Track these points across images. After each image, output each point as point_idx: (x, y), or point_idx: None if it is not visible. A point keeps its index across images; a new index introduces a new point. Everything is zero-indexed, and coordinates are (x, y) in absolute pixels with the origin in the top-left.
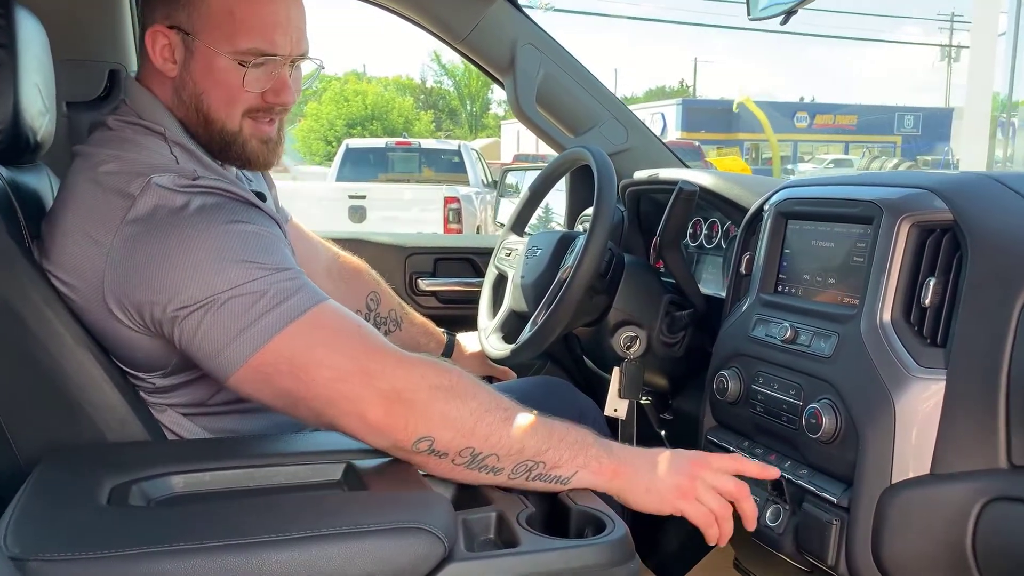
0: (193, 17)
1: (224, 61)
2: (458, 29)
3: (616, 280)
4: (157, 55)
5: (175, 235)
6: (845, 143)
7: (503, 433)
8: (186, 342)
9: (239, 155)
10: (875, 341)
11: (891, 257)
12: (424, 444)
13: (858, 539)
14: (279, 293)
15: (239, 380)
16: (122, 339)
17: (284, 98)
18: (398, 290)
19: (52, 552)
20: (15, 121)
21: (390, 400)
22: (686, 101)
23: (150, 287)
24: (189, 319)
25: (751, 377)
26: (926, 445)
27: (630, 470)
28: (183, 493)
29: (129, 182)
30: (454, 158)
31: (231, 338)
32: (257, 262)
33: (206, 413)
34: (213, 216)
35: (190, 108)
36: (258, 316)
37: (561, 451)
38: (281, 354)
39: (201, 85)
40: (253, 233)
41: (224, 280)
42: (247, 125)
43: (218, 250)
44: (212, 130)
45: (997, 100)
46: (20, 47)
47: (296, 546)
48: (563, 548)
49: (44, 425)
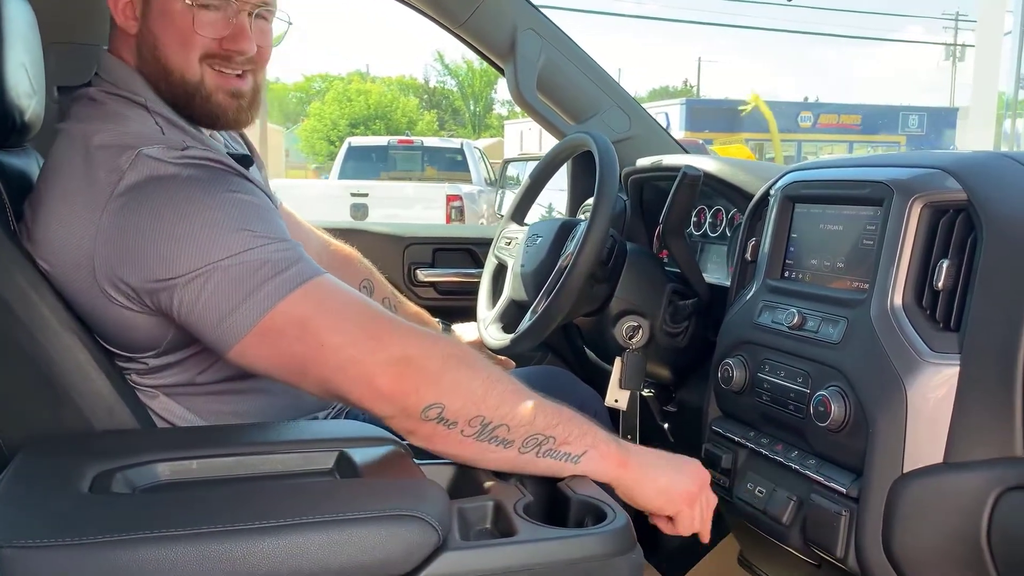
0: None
1: (179, 6)
2: (457, 13)
3: (618, 268)
4: (119, 13)
5: (169, 206)
6: (849, 143)
7: (514, 402)
8: (186, 313)
9: (204, 108)
10: (886, 326)
11: (902, 239)
12: (434, 412)
13: (868, 531)
14: (281, 261)
15: (243, 348)
16: (114, 319)
17: (242, 45)
18: (396, 280)
19: (28, 539)
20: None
21: (400, 365)
22: (690, 101)
23: (145, 259)
24: (188, 288)
25: (757, 365)
26: (939, 433)
27: (638, 464)
28: (169, 481)
29: (117, 155)
30: (457, 156)
31: (235, 304)
32: (254, 231)
33: (198, 393)
34: (207, 186)
35: (150, 60)
36: (262, 281)
37: (571, 428)
38: (289, 318)
39: (157, 33)
40: (248, 202)
41: (223, 248)
42: (209, 76)
43: (214, 219)
44: (173, 81)
45: (1002, 100)
46: (5, 25)
47: (284, 533)
48: (562, 538)
49: (29, 412)
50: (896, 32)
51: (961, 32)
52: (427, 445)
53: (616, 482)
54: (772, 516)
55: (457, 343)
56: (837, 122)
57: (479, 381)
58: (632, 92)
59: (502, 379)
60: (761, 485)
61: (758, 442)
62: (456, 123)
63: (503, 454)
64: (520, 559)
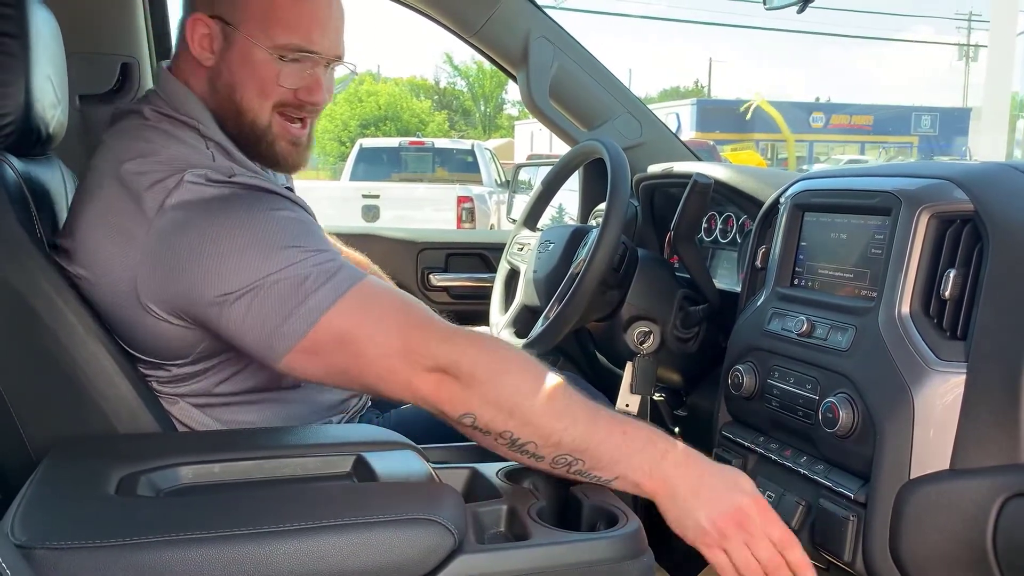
0: (236, 7)
1: (262, 54)
2: (471, 22)
3: (629, 274)
4: (195, 44)
5: (215, 224)
6: (861, 143)
7: (541, 423)
8: (234, 329)
9: (267, 153)
10: (893, 334)
11: (910, 249)
12: (468, 419)
13: (875, 535)
14: (323, 273)
15: (291, 361)
16: (150, 329)
17: (316, 97)
18: (410, 285)
19: (58, 540)
20: (26, 112)
21: (438, 375)
22: (701, 101)
23: (192, 277)
24: (236, 305)
25: (767, 371)
26: (945, 440)
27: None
28: (192, 484)
29: (164, 176)
30: (467, 158)
31: (281, 320)
32: (299, 246)
33: (215, 404)
34: (251, 205)
35: (223, 98)
36: (305, 296)
37: (601, 454)
38: (332, 332)
39: (236, 76)
40: (292, 219)
41: (269, 264)
42: (276, 122)
43: (260, 237)
44: (243, 122)
45: (1015, 100)
46: (32, 38)
47: (304, 536)
48: (574, 541)
49: (54, 416)
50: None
51: (974, 32)
52: (472, 441)
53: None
54: None
55: (494, 348)
56: (849, 123)
57: (507, 394)
58: (643, 93)
59: (532, 393)
60: (770, 490)
61: (767, 447)
62: (467, 124)
63: (537, 464)
64: (533, 562)
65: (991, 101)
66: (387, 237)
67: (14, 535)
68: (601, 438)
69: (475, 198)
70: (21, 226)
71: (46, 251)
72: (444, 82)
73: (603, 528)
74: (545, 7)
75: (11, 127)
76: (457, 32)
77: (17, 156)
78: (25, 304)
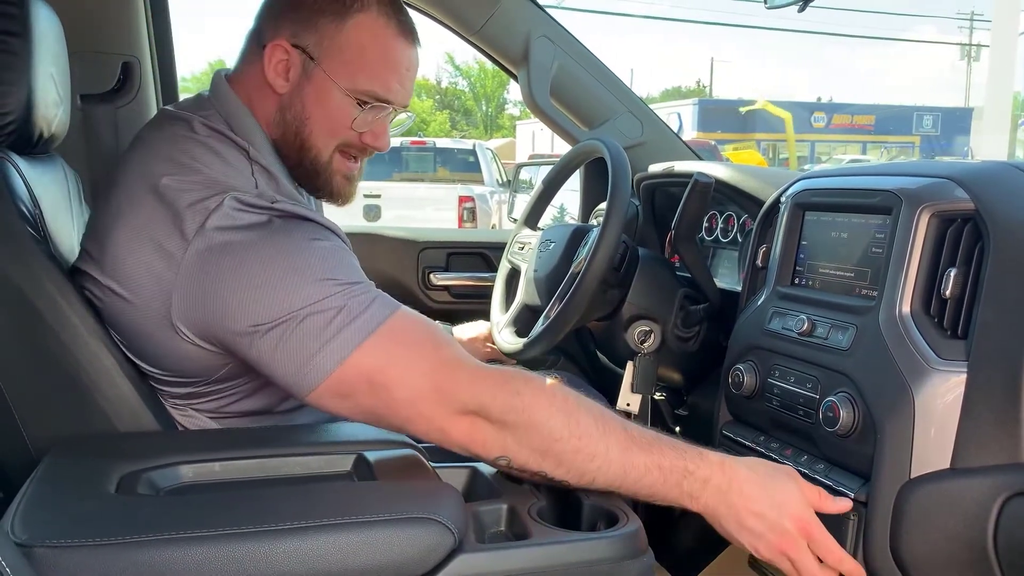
0: (323, 43)
1: (339, 95)
2: (471, 21)
3: (630, 274)
4: (271, 69)
5: (252, 252)
6: (863, 143)
7: (575, 464)
8: (265, 360)
9: (324, 187)
10: (894, 333)
11: (911, 248)
12: (502, 461)
13: (876, 535)
14: (355, 307)
15: (319, 396)
16: (174, 350)
17: (381, 143)
18: (411, 285)
19: (58, 539)
20: (28, 110)
21: (469, 419)
22: (703, 101)
23: (224, 305)
24: (267, 337)
25: (767, 371)
26: (946, 439)
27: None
28: (192, 483)
29: (207, 196)
30: (469, 157)
31: (310, 355)
32: (334, 278)
33: (231, 416)
34: (288, 234)
35: (290, 130)
36: (336, 332)
37: (638, 490)
38: (360, 372)
39: (309, 111)
40: (328, 249)
41: (302, 297)
42: (336, 159)
43: (296, 268)
44: (305, 157)
45: (1017, 100)
46: (35, 36)
47: (304, 535)
48: (575, 541)
49: (56, 415)
50: (910, 32)
51: (976, 32)
52: None
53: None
54: None
55: (520, 391)
56: (851, 122)
57: (539, 438)
58: (644, 93)
59: (565, 435)
60: None
61: (768, 446)
62: (468, 124)
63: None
64: (533, 561)
65: (993, 101)
66: (388, 236)
67: (14, 533)
68: (637, 476)
69: (476, 198)
70: (24, 224)
71: (48, 250)
72: (446, 82)
73: (603, 528)
74: (547, 6)
75: (13, 125)
76: (458, 31)
77: (19, 154)
78: (27, 303)
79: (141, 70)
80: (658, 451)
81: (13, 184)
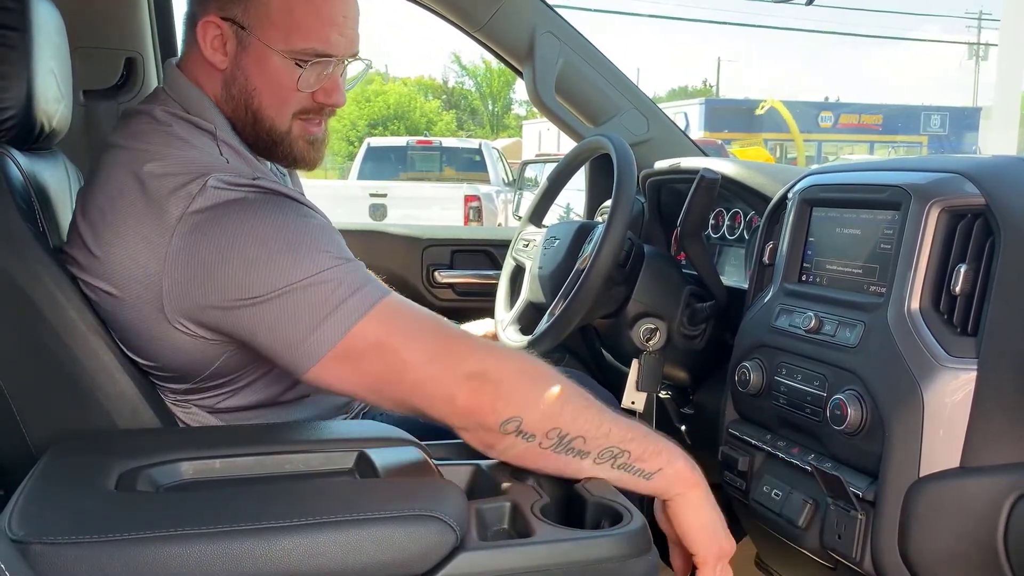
0: (249, 11)
1: (278, 59)
2: (476, 17)
3: (635, 271)
4: (207, 46)
5: (242, 228)
6: (870, 143)
7: (589, 415)
8: (262, 335)
9: (286, 155)
10: (903, 330)
11: (920, 243)
12: (512, 425)
13: (884, 534)
14: (354, 281)
15: (320, 371)
16: (170, 343)
17: (335, 99)
18: (415, 282)
19: (55, 536)
20: (28, 105)
21: (478, 380)
22: (709, 100)
23: (221, 280)
24: (264, 308)
25: (774, 368)
26: (956, 437)
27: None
28: (192, 480)
29: (186, 182)
30: (475, 157)
31: (312, 327)
32: (328, 251)
33: (231, 411)
34: (279, 208)
35: (239, 104)
36: (339, 302)
37: (646, 445)
38: (367, 338)
39: (253, 81)
40: (318, 225)
41: (301, 269)
42: (296, 126)
43: (291, 240)
44: (260, 128)
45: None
46: (34, 31)
47: (304, 532)
48: (578, 539)
49: (55, 412)
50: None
51: (984, 31)
52: (505, 458)
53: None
54: (788, 519)
55: (529, 357)
56: (858, 122)
57: (555, 394)
58: (651, 92)
59: (576, 392)
60: (777, 488)
61: (775, 445)
62: (474, 123)
63: (579, 464)
64: (537, 560)
65: (1002, 100)
66: (392, 234)
67: (11, 530)
68: (643, 432)
69: (482, 197)
70: (24, 220)
71: (48, 246)
72: (452, 81)
73: (607, 526)
74: (552, 4)
75: (13, 120)
76: (463, 27)
77: (20, 150)
78: (27, 299)
79: (144, 66)
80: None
81: (12, 180)
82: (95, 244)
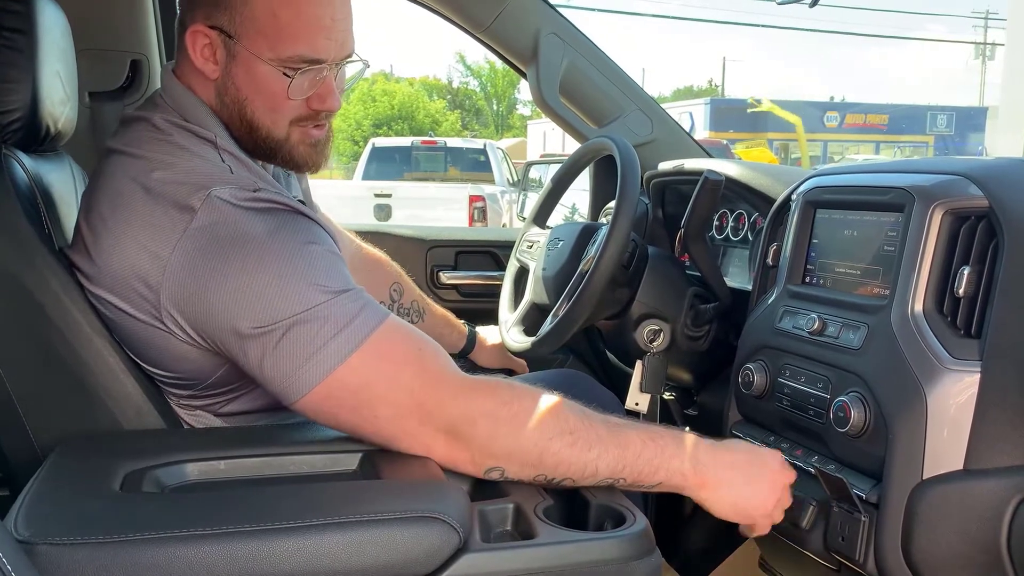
0: (235, 20)
1: (266, 68)
2: (480, 18)
3: (639, 272)
4: (198, 55)
5: (239, 255)
6: (876, 143)
7: (572, 460)
8: (252, 366)
9: (287, 160)
10: (906, 332)
11: (923, 246)
12: (495, 473)
13: (887, 536)
14: (342, 316)
15: (304, 406)
16: (172, 351)
17: (329, 104)
18: (419, 283)
19: (61, 536)
20: (34, 107)
21: (450, 436)
22: (714, 100)
23: (214, 308)
24: (254, 343)
25: (777, 370)
26: (959, 440)
27: (714, 483)
28: (197, 481)
29: (189, 194)
30: (480, 157)
31: (296, 366)
32: (321, 284)
33: (235, 414)
34: (277, 234)
35: (233, 113)
36: (323, 344)
37: (639, 467)
38: (344, 387)
39: (244, 91)
40: (316, 254)
41: (289, 305)
42: (295, 132)
43: (283, 272)
44: (257, 136)
45: None
46: (40, 34)
47: (309, 534)
48: (582, 541)
49: (61, 413)
50: (923, 31)
51: (991, 31)
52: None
53: (693, 496)
54: (792, 520)
55: (508, 400)
56: (864, 122)
57: (531, 443)
58: (656, 92)
59: (556, 433)
60: None
61: (778, 446)
62: (479, 123)
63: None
64: (540, 561)
65: (1009, 100)
66: (397, 235)
67: (17, 531)
68: (635, 453)
69: (487, 197)
70: (29, 223)
71: (54, 248)
72: (457, 82)
73: (611, 527)
74: (556, 5)
75: (19, 123)
76: (467, 28)
77: (26, 152)
78: (32, 301)
79: (149, 68)
80: (645, 428)
81: (18, 182)
82: (95, 251)
